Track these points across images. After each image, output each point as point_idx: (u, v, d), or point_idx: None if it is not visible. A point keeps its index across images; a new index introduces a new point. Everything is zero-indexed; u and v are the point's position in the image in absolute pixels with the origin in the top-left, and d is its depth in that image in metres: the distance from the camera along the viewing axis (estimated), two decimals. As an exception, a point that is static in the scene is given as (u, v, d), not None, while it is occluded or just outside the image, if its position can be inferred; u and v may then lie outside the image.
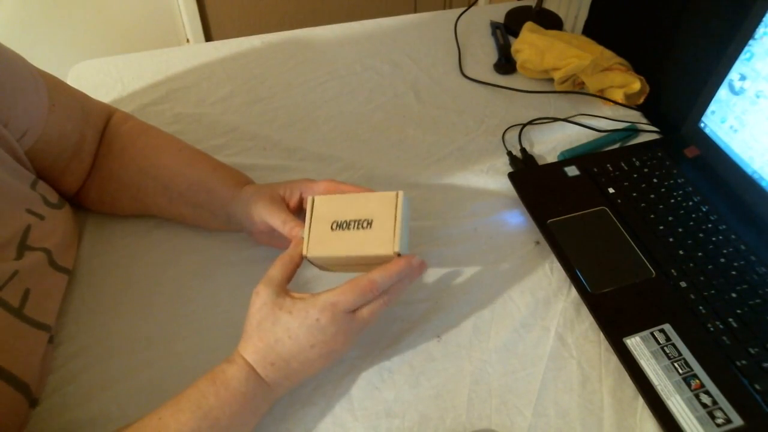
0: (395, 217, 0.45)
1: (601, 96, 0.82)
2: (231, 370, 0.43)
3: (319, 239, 0.47)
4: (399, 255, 0.45)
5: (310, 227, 0.47)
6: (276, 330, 0.43)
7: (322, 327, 0.43)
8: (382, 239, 0.45)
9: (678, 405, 0.47)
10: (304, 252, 0.47)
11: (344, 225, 0.46)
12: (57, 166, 0.56)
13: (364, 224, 0.46)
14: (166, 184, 0.58)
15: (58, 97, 0.54)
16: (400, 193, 0.46)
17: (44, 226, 0.51)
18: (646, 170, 0.68)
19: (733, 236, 0.59)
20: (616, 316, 0.54)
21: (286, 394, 0.49)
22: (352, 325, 0.44)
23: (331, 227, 0.46)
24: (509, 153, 0.73)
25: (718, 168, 0.67)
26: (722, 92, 0.65)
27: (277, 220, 0.51)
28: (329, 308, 0.43)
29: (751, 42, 0.61)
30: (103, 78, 0.82)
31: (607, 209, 0.64)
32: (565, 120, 0.78)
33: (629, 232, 0.61)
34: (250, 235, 0.59)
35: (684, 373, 0.49)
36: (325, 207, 0.48)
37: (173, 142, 0.62)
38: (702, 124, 0.69)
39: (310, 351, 0.44)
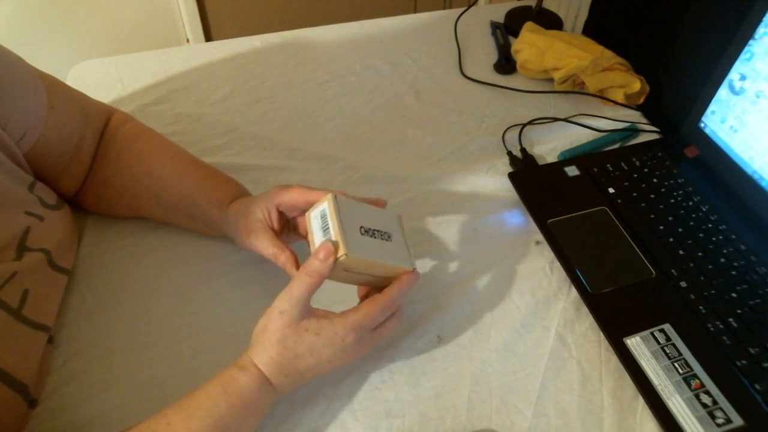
0: (404, 235, 0.47)
1: (601, 96, 0.82)
2: (244, 379, 0.43)
3: (354, 241, 0.44)
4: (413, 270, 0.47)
5: (343, 227, 0.43)
6: (298, 348, 0.43)
7: (346, 346, 0.44)
8: (401, 254, 0.47)
9: (678, 405, 0.47)
10: (344, 251, 0.42)
11: (371, 232, 0.46)
12: (56, 169, 0.56)
13: (386, 236, 0.47)
14: (157, 195, 0.58)
15: (57, 98, 0.54)
16: (400, 215, 0.48)
17: (43, 227, 0.51)
18: (646, 170, 0.68)
19: (733, 236, 0.59)
20: (616, 316, 0.54)
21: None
22: (371, 341, 0.46)
23: (360, 231, 0.45)
24: (509, 153, 0.73)
25: (718, 168, 0.67)
26: (722, 92, 0.65)
27: (265, 252, 0.51)
28: (357, 329, 0.44)
29: (751, 42, 0.61)
30: (103, 78, 0.82)
31: (607, 209, 0.64)
32: (565, 120, 0.78)
33: (629, 232, 0.61)
34: None
35: (684, 373, 0.49)
36: (348, 209, 0.46)
37: (167, 148, 0.61)
38: (702, 124, 0.69)
39: (327, 365, 0.45)
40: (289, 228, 0.55)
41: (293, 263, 0.50)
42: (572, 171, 0.68)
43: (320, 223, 0.45)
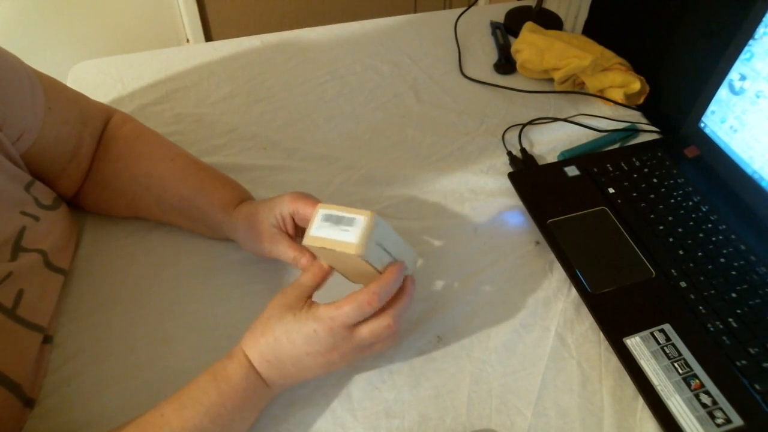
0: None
1: (601, 96, 0.82)
2: (231, 366, 0.43)
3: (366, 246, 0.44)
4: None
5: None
6: (277, 329, 0.43)
7: (318, 338, 0.43)
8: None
9: (678, 405, 0.47)
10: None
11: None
12: (54, 169, 0.56)
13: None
14: (158, 196, 0.58)
15: (55, 99, 0.53)
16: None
17: (39, 227, 0.51)
18: (646, 170, 0.68)
19: (733, 236, 0.59)
20: (616, 316, 0.54)
21: (286, 393, 0.49)
22: (350, 340, 0.44)
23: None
24: (509, 153, 0.73)
25: (718, 168, 0.67)
26: (722, 92, 0.65)
27: (285, 257, 0.52)
28: (327, 321, 0.42)
29: (751, 42, 0.61)
30: (103, 78, 0.82)
31: (607, 209, 0.64)
32: (565, 120, 0.78)
33: (629, 232, 0.61)
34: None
35: (684, 373, 0.49)
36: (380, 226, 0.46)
37: (168, 149, 0.61)
38: (702, 124, 0.69)
39: (306, 358, 0.44)
40: (297, 232, 0.55)
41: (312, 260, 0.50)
42: (572, 171, 0.68)
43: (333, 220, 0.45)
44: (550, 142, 0.75)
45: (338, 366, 0.46)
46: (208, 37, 1.80)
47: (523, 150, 0.73)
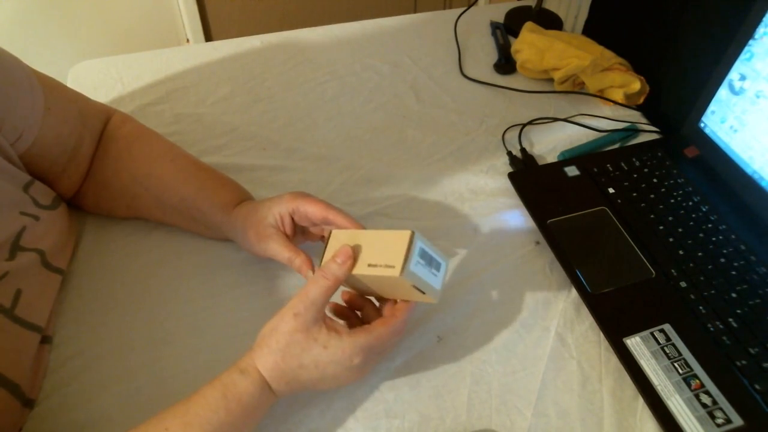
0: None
1: (601, 96, 0.82)
2: (244, 383, 0.42)
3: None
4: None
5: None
6: (304, 358, 0.42)
7: (353, 366, 0.43)
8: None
9: (678, 405, 0.47)
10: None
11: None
12: (54, 170, 0.56)
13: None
14: (158, 196, 0.58)
15: (54, 99, 0.53)
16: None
17: (38, 227, 0.51)
18: (646, 170, 0.68)
19: (733, 236, 0.59)
20: (616, 316, 0.54)
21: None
22: (376, 362, 0.47)
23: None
24: (509, 153, 0.73)
25: (718, 168, 0.67)
26: (722, 92, 0.65)
27: (279, 257, 0.52)
28: (366, 351, 0.43)
29: (751, 42, 0.61)
30: (103, 78, 0.82)
31: (607, 209, 0.64)
32: (565, 120, 0.78)
33: (629, 232, 0.61)
34: None
35: (684, 373, 0.49)
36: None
37: (168, 150, 0.60)
38: (702, 124, 0.69)
39: (331, 381, 0.44)
40: (296, 231, 0.55)
41: (309, 266, 0.50)
42: (572, 171, 0.68)
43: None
44: (550, 142, 0.75)
45: (353, 382, 0.47)
46: (208, 37, 1.80)
47: (523, 150, 0.73)
